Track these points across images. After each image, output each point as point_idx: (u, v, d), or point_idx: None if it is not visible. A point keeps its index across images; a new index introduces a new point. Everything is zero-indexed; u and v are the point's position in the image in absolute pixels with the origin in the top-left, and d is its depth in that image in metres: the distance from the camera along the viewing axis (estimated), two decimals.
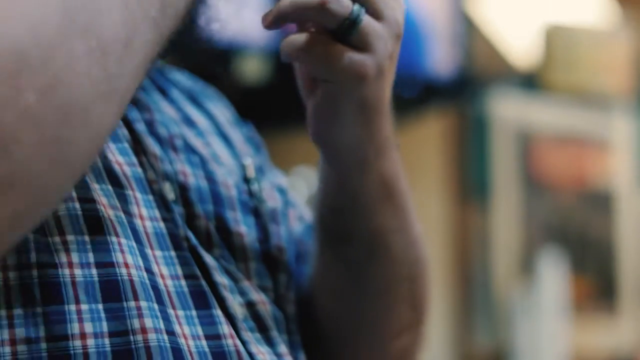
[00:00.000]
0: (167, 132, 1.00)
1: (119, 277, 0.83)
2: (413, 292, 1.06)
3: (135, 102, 0.99)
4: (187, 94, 1.12)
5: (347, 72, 0.87)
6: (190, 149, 1.01)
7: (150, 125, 0.98)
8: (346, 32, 0.86)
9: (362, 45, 0.87)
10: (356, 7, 0.86)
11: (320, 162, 0.99)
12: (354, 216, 0.99)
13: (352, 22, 0.86)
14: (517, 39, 4.29)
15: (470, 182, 4.03)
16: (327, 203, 1.01)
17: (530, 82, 4.26)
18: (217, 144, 1.07)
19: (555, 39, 4.28)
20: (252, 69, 2.97)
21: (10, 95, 0.61)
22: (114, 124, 0.71)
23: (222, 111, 1.15)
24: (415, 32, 3.62)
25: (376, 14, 0.88)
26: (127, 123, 0.95)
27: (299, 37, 0.88)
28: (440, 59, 3.65)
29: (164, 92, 1.08)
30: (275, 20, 0.89)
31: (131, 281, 0.83)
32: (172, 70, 1.14)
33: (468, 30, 3.84)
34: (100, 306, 0.81)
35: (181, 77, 1.15)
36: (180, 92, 1.11)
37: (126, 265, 0.83)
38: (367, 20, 0.87)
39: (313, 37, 0.87)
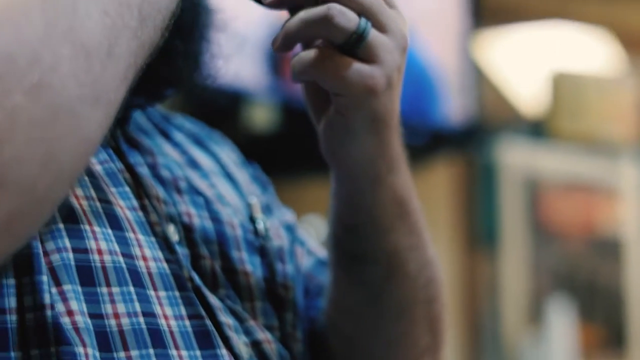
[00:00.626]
0: (170, 175, 1.01)
1: (116, 329, 0.84)
2: (430, 315, 1.06)
3: (137, 146, 1.00)
4: (191, 138, 1.13)
5: (357, 85, 0.88)
6: (194, 191, 1.02)
7: (153, 169, 0.99)
8: (354, 46, 0.87)
9: (370, 57, 0.88)
10: (362, 20, 0.87)
11: (333, 182, 1.00)
12: (369, 234, 0.99)
13: (359, 36, 0.87)
14: (524, 86, 4.32)
15: (479, 229, 4.03)
16: (342, 222, 1.01)
17: (538, 129, 4.27)
18: (222, 185, 1.08)
19: (563, 86, 4.29)
20: (260, 117, 2.99)
21: None
22: (102, 130, 0.72)
23: (228, 153, 1.16)
24: (425, 80, 3.65)
25: (381, 27, 0.89)
26: (129, 167, 0.96)
27: (308, 54, 0.88)
28: (449, 107, 3.67)
29: (167, 136, 1.09)
30: (284, 42, 0.90)
31: (127, 331, 0.84)
32: (176, 116, 1.15)
33: (476, 79, 3.86)
34: (98, 353, 0.82)
35: (185, 122, 1.16)
36: (184, 136, 1.12)
37: (116, 316, 0.84)
38: (373, 33, 0.88)
39: (322, 53, 0.88)
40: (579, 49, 4.43)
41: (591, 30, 4.41)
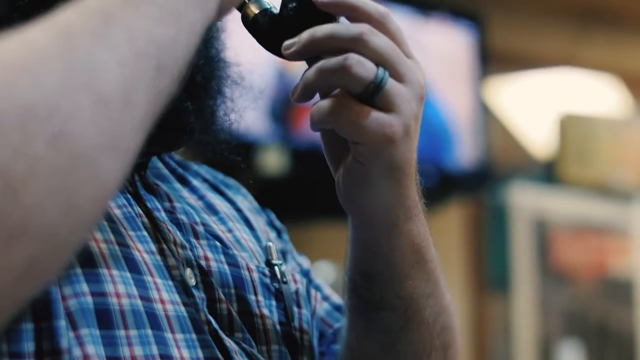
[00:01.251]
0: (187, 219, 1.02)
1: None
2: None
3: (155, 192, 1.02)
4: (208, 184, 1.15)
5: (375, 133, 0.88)
6: (211, 235, 1.03)
7: (170, 213, 1.01)
8: (372, 95, 0.88)
9: (388, 106, 0.88)
10: (380, 70, 0.88)
11: (350, 228, 1.00)
12: (387, 282, 0.99)
13: (377, 85, 0.88)
14: (534, 131, 4.33)
15: (490, 272, 4.03)
16: (359, 269, 1.01)
17: (548, 173, 4.28)
18: (239, 230, 1.09)
19: (571, 130, 4.31)
20: (270, 162, 3.01)
21: (20, 144, 0.64)
22: (120, 177, 0.73)
23: (243, 199, 1.17)
24: (437, 125, 3.67)
25: (399, 77, 0.90)
26: (148, 212, 0.98)
27: (326, 103, 0.89)
28: (460, 150, 3.69)
29: (184, 182, 1.11)
30: (303, 92, 0.91)
31: None
32: (192, 163, 1.17)
33: (487, 124, 3.88)
34: None
35: (201, 169, 1.18)
36: (201, 182, 1.14)
37: (133, 359, 0.86)
38: (391, 82, 0.89)
39: (340, 101, 0.89)
40: (587, 94, 4.45)
41: (599, 76, 4.43)
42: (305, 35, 0.90)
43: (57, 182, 0.66)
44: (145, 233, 0.95)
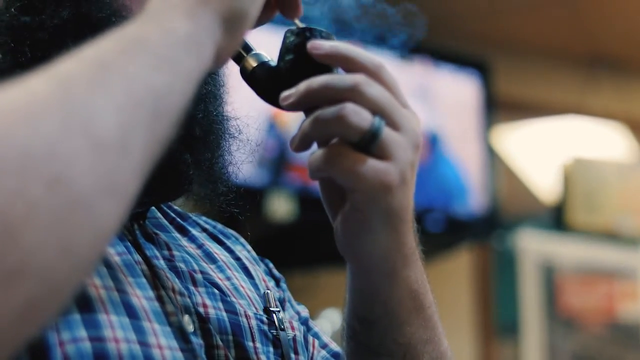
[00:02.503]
0: (186, 267, 1.04)
1: None
2: None
3: (154, 240, 1.04)
4: (207, 233, 1.17)
5: (372, 181, 0.90)
6: (210, 283, 1.05)
7: (169, 261, 1.02)
8: (368, 144, 0.90)
9: (384, 154, 0.90)
10: (376, 119, 0.90)
11: (349, 275, 1.01)
12: (385, 328, 1.00)
13: (373, 134, 0.90)
14: (542, 177, 4.34)
15: (498, 317, 4.03)
16: (357, 315, 1.02)
17: (556, 219, 4.28)
18: (237, 278, 1.11)
19: (579, 175, 4.32)
20: (278, 208, 3.02)
21: (19, 188, 0.65)
22: (117, 221, 0.73)
23: (242, 249, 1.19)
24: (447, 174, 3.68)
25: (395, 125, 0.91)
26: (146, 259, 0.99)
27: (324, 152, 0.91)
28: (469, 197, 3.70)
29: (183, 231, 1.13)
30: (301, 142, 0.93)
31: None
32: (191, 214, 1.19)
33: (495, 170, 3.90)
34: None
35: (200, 219, 1.19)
36: (200, 232, 1.16)
37: None
38: (387, 131, 0.90)
39: (337, 150, 0.90)
40: (594, 141, 4.46)
41: (606, 122, 4.44)
42: (302, 86, 0.92)
43: (55, 225, 0.67)
44: (144, 280, 0.96)
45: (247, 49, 0.98)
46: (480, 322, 4.00)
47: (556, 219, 4.26)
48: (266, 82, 0.96)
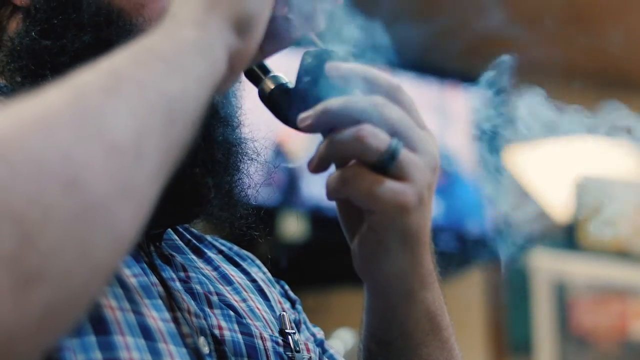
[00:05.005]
0: (202, 289, 1.04)
1: None
2: None
3: (170, 262, 1.04)
4: (222, 255, 1.17)
5: (389, 202, 0.91)
6: (225, 305, 1.05)
7: (185, 283, 1.03)
8: (386, 165, 0.90)
9: (401, 176, 0.91)
10: (393, 140, 0.91)
11: (366, 296, 1.02)
12: (402, 349, 1.01)
13: (390, 155, 0.90)
14: (554, 195, 4.33)
15: (511, 336, 4.02)
16: (374, 336, 1.03)
17: (569, 237, 4.27)
18: (253, 300, 1.11)
19: (591, 194, 4.31)
20: (291, 228, 3.02)
21: (35, 193, 0.66)
22: (135, 227, 0.73)
23: (258, 271, 1.20)
24: (462, 192, 3.68)
25: (412, 147, 0.92)
26: (162, 281, 1.00)
27: (341, 173, 0.92)
28: (482, 216, 3.70)
29: (199, 254, 1.13)
30: (319, 163, 0.94)
31: None
32: (207, 236, 1.19)
33: (509, 189, 3.89)
34: None
35: (215, 242, 1.20)
36: (216, 254, 1.16)
37: None
38: (404, 152, 0.91)
39: (355, 172, 0.91)
40: (606, 158, 4.45)
41: (618, 142, 4.43)
42: (320, 108, 0.93)
43: (72, 229, 0.67)
44: (160, 301, 0.96)
45: (265, 70, 0.99)
46: (493, 341, 3.99)
47: (569, 237, 4.26)
48: (284, 104, 0.97)
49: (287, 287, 1.22)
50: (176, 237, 1.13)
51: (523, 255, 4.09)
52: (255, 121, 1.08)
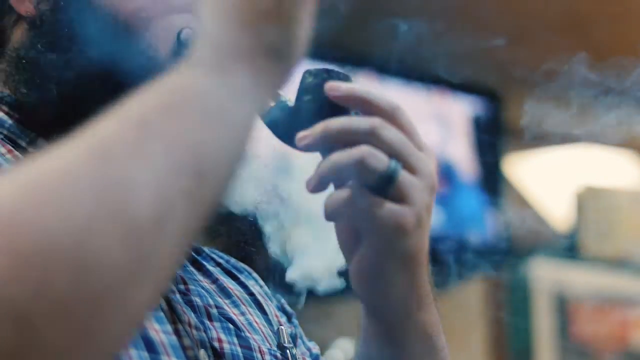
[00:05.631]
0: (202, 302, 1.04)
1: None
2: None
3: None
4: (220, 268, 1.17)
5: (388, 224, 0.91)
6: (225, 318, 1.06)
7: (185, 295, 1.03)
8: (385, 187, 0.91)
9: (400, 197, 0.91)
10: (392, 162, 0.91)
11: (363, 316, 1.02)
12: None
13: (389, 177, 0.90)
14: (555, 205, 4.33)
15: (512, 346, 4.02)
16: (371, 356, 1.03)
17: (569, 247, 4.28)
18: (251, 313, 1.12)
19: (592, 203, 4.31)
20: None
21: (42, 285, 0.61)
22: (151, 305, 0.70)
23: (255, 284, 1.20)
24: (462, 202, 3.68)
25: (410, 168, 0.92)
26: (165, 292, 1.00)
27: (340, 195, 0.92)
28: (483, 226, 3.70)
29: (198, 266, 1.13)
30: (318, 184, 0.93)
31: None
32: (205, 248, 1.20)
33: (509, 199, 3.89)
34: None
35: (214, 254, 1.20)
36: (214, 266, 1.16)
37: None
38: (403, 174, 0.91)
39: (354, 193, 0.91)
40: (606, 168, 4.46)
41: (618, 151, 4.44)
42: (319, 128, 0.93)
43: (81, 322, 0.63)
44: (161, 314, 0.97)
45: None
46: (493, 350, 3.99)
47: (569, 247, 4.26)
48: (283, 121, 0.96)
49: (283, 300, 1.22)
50: None
51: (524, 264, 4.09)
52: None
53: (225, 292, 1.12)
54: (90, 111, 0.87)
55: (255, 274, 1.22)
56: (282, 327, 1.13)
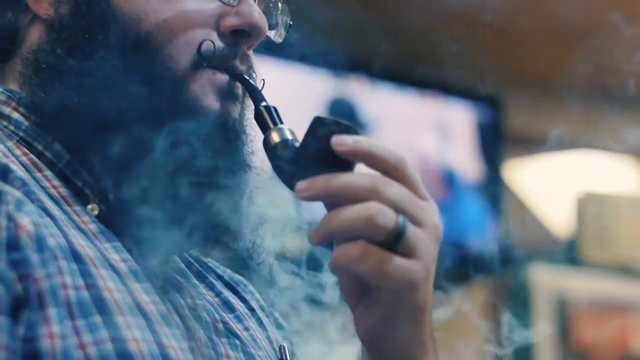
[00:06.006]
0: (209, 317, 1.05)
1: None
2: None
3: (177, 289, 1.05)
4: (222, 281, 1.18)
5: (399, 280, 0.91)
6: (231, 333, 1.07)
7: (194, 311, 1.04)
8: (394, 243, 0.91)
9: (409, 252, 0.91)
10: (400, 217, 0.91)
11: (364, 356, 1.02)
12: None
13: (398, 233, 0.90)
14: (555, 211, 4.34)
15: (512, 351, 4.02)
16: None
17: (569, 253, 4.28)
18: (254, 329, 1.13)
19: (592, 209, 4.31)
20: (288, 242, 3.03)
21: None
22: None
23: (252, 297, 1.21)
24: (463, 209, 3.69)
25: (417, 222, 0.92)
26: (176, 308, 1.01)
27: (349, 250, 0.91)
28: (483, 232, 3.70)
29: (201, 278, 1.14)
30: (324, 238, 0.93)
31: None
32: (205, 259, 1.20)
33: (509, 205, 3.89)
34: None
35: (213, 265, 1.20)
36: (216, 279, 1.17)
37: None
38: (410, 228, 0.91)
39: (363, 250, 0.91)
40: (606, 174, 4.46)
41: (618, 157, 4.45)
42: (320, 182, 0.92)
43: None
44: (177, 331, 0.97)
45: (274, 120, 1.00)
46: (493, 356, 3.99)
47: (569, 253, 4.26)
48: (285, 161, 0.96)
49: (277, 314, 1.22)
50: (178, 259, 1.13)
51: (524, 270, 4.09)
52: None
53: (228, 307, 1.12)
54: (108, 118, 0.90)
55: (251, 287, 1.22)
56: (284, 343, 1.14)
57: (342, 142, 0.93)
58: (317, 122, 0.95)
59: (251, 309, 1.16)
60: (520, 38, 4.02)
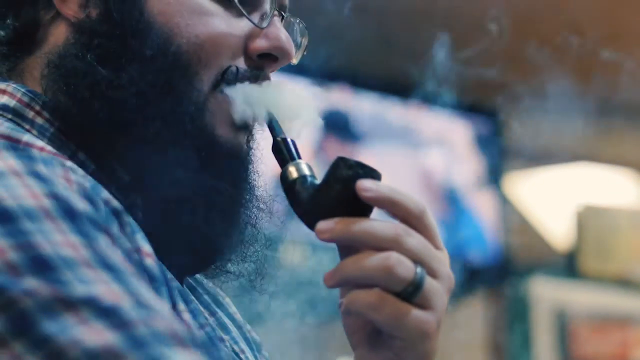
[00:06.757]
0: (214, 335, 1.04)
1: None
2: None
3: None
4: (209, 296, 1.15)
5: (414, 330, 0.91)
6: (235, 356, 1.06)
7: (202, 329, 1.02)
8: (411, 294, 0.91)
9: (425, 304, 0.91)
10: (418, 269, 0.91)
11: None
12: None
13: (417, 285, 0.90)
14: (555, 224, 4.34)
15: None
16: None
17: (569, 266, 4.28)
18: (247, 352, 1.11)
19: (592, 222, 4.32)
20: (292, 256, 3.03)
21: None
22: None
23: (234, 311, 1.19)
24: (465, 223, 3.69)
25: (433, 273, 0.92)
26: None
27: (365, 296, 0.91)
28: (484, 245, 3.71)
29: (196, 294, 1.12)
30: (340, 282, 0.93)
31: None
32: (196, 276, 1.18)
33: (508, 218, 3.90)
34: None
35: (197, 278, 1.17)
36: (203, 293, 1.15)
37: None
38: (427, 280, 0.91)
39: (380, 298, 0.91)
40: (606, 187, 4.47)
41: (618, 169, 4.45)
42: (342, 226, 0.92)
43: None
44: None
45: (292, 155, 0.98)
46: None
47: (569, 266, 4.26)
48: (303, 199, 0.96)
49: (249, 327, 1.21)
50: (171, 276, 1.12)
51: (524, 283, 4.10)
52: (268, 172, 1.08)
53: (224, 328, 1.11)
54: (133, 130, 0.89)
55: (227, 299, 1.21)
56: None
57: (367, 188, 0.92)
58: (342, 163, 0.93)
59: (239, 327, 1.15)
60: (520, 50, 4.03)
